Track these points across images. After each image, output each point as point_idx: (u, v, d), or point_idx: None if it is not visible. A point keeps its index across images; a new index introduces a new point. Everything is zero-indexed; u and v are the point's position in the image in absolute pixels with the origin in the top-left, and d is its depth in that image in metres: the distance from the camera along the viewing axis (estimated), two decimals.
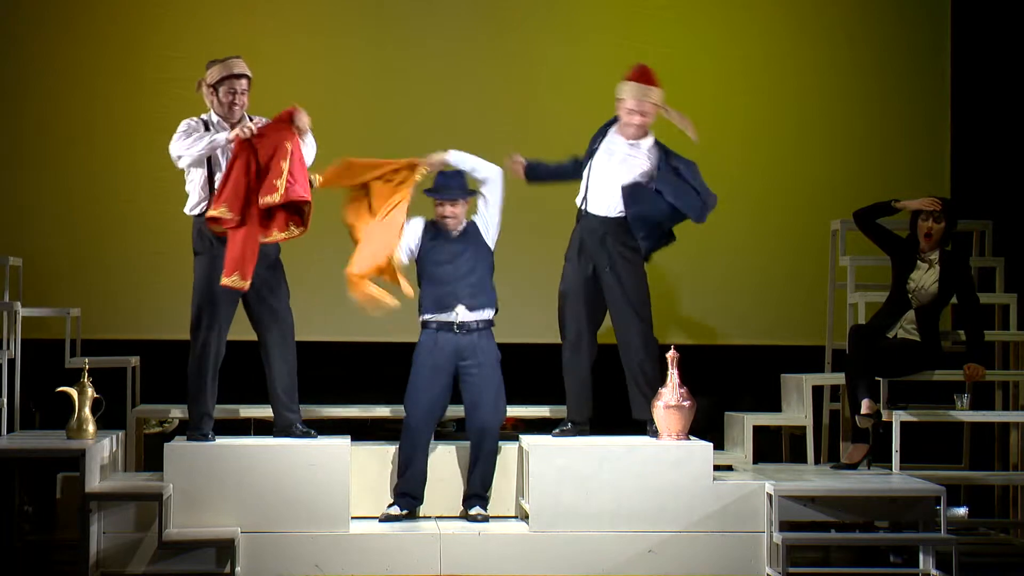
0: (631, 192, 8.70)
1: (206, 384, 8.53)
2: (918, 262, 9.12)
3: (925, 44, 10.83)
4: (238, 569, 8.10)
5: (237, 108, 8.55)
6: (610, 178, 8.77)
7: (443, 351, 8.64)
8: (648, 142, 8.81)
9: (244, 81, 8.58)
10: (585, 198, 8.84)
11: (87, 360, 8.65)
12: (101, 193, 10.37)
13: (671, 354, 8.51)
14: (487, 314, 8.73)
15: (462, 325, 8.65)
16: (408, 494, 8.62)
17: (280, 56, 10.28)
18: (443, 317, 8.65)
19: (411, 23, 10.60)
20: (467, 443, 8.78)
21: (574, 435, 8.72)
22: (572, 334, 8.83)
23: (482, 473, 8.68)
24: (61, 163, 10.37)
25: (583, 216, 8.85)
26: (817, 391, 9.49)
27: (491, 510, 8.67)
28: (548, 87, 10.48)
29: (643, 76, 8.79)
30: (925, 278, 9.09)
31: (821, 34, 10.78)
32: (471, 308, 8.67)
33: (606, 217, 8.77)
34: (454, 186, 8.71)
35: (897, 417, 8.88)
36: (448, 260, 8.69)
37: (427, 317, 8.69)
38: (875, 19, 10.81)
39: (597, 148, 8.84)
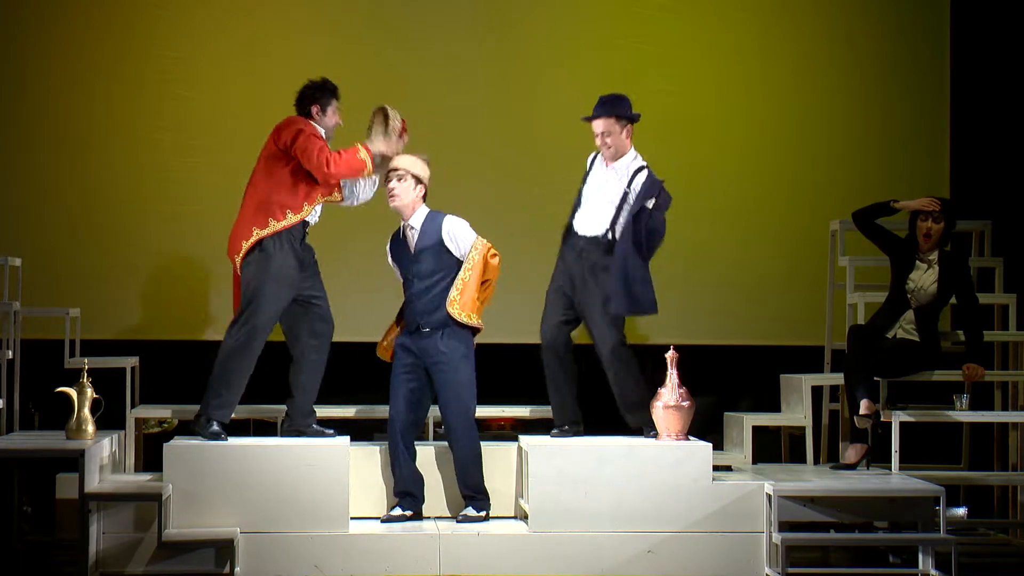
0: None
1: (238, 382, 8.53)
2: (917, 262, 9.12)
3: (925, 44, 10.83)
4: (237, 569, 8.10)
5: None
6: (594, 200, 8.75)
7: (411, 352, 8.65)
8: (624, 163, 8.76)
9: None
10: (573, 217, 8.81)
11: (86, 360, 8.65)
12: (101, 193, 10.37)
13: (671, 354, 8.51)
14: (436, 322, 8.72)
15: (424, 324, 8.65)
16: (410, 493, 8.62)
17: (280, 57, 10.29)
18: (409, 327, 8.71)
19: (412, 22, 10.60)
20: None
21: (570, 436, 8.73)
22: (547, 342, 8.85)
23: (461, 472, 8.64)
24: (61, 163, 10.37)
25: (569, 235, 8.82)
26: (816, 391, 9.49)
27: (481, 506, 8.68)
28: (547, 87, 10.49)
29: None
30: (924, 278, 9.09)
31: (821, 35, 10.79)
32: (425, 323, 8.67)
33: (589, 236, 8.73)
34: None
35: (896, 417, 8.88)
36: (409, 276, 8.69)
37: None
38: (875, 19, 10.81)
39: (589, 172, 8.84)
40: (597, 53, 10.47)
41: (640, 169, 8.70)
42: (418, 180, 8.65)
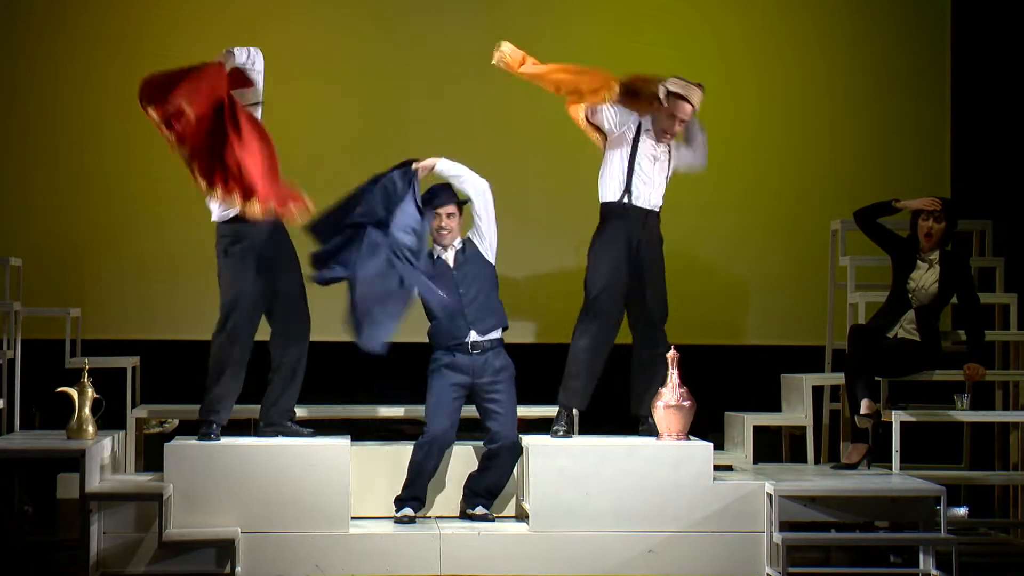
0: None
1: (226, 382, 8.53)
2: (918, 262, 9.12)
3: (925, 44, 10.83)
4: (238, 569, 8.10)
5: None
6: (654, 173, 8.79)
7: (460, 370, 8.65)
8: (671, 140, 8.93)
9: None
10: (628, 191, 8.80)
11: (87, 360, 8.65)
12: (101, 193, 10.38)
13: (671, 354, 8.51)
14: (496, 334, 8.75)
15: (475, 345, 8.67)
16: (418, 497, 8.63)
17: (276, 54, 10.23)
18: (456, 342, 8.68)
19: (413, 21, 10.60)
20: (469, 444, 8.81)
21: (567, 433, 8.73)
22: (601, 326, 8.81)
23: (495, 481, 8.70)
24: (61, 163, 10.37)
25: (627, 208, 8.80)
26: (817, 391, 9.49)
27: (491, 510, 8.68)
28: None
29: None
30: (925, 278, 9.09)
31: (821, 34, 10.79)
32: (481, 332, 8.69)
33: (653, 210, 8.81)
34: (444, 193, 8.72)
35: (897, 417, 8.88)
36: (450, 292, 8.68)
37: (440, 347, 8.72)
38: (875, 19, 10.81)
39: (638, 143, 8.82)
40: (599, 53, 10.45)
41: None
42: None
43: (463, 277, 8.72)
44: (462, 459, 8.79)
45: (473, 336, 8.67)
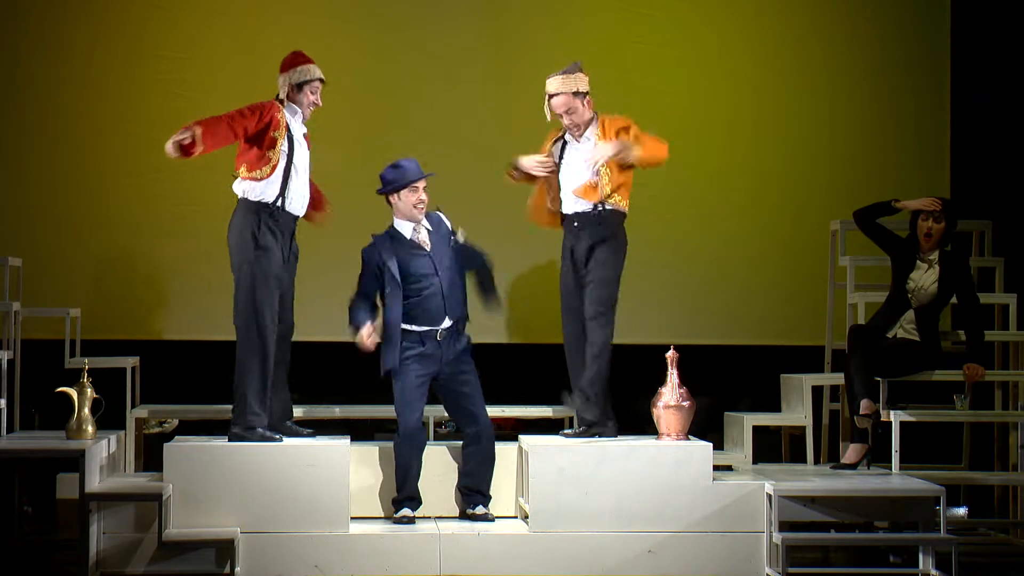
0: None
1: (268, 378, 8.52)
2: (918, 262, 9.12)
3: (925, 44, 10.83)
4: (238, 569, 8.10)
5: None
6: (573, 177, 8.75)
7: (428, 360, 8.61)
8: (593, 128, 8.77)
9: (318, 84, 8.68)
10: (561, 203, 8.81)
11: (87, 360, 8.65)
12: (101, 193, 10.37)
13: (671, 354, 8.51)
14: (462, 318, 8.73)
15: (445, 332, 8.64)
16: (414, 497, 8.63)
17: (276, 55, 10.27)
18: (429, 329, 8.64)
19: (409, 13, 10.61)
20: (460, 444, 8.81)
21: (588, 437, 8.68)
22: (569, 334, 8.80)
23: (486, 469, 8.67)
24: (61, 163, 10.37)
25: (563, 219, 8.83)
26: (817, 391, 9.49)
27: (491, 510, 8.68)
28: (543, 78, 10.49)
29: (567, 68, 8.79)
30: (925, 278, 9.10)
31: (821, 34, 10.78)
32: (452, 319, 8.64)
33: (577, 212, 8.74)
34: (414, 167, 8.62)
35: (896, 417, 8.88)
36: (429, 274, 8.63)
37: (410, 327, 8.62)
38: (875, 19, 10.81)
39: (563, 156, 8.84)
40: (599, 52, 10.46)
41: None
42: None
43: (440, 259, 8.63)
44: (456, 458, 8.78)
45: (446, 323, 8.64)
